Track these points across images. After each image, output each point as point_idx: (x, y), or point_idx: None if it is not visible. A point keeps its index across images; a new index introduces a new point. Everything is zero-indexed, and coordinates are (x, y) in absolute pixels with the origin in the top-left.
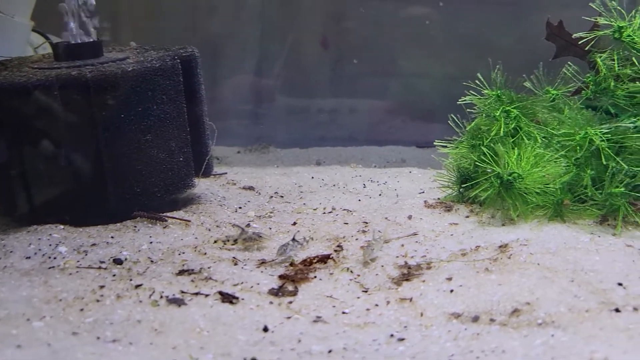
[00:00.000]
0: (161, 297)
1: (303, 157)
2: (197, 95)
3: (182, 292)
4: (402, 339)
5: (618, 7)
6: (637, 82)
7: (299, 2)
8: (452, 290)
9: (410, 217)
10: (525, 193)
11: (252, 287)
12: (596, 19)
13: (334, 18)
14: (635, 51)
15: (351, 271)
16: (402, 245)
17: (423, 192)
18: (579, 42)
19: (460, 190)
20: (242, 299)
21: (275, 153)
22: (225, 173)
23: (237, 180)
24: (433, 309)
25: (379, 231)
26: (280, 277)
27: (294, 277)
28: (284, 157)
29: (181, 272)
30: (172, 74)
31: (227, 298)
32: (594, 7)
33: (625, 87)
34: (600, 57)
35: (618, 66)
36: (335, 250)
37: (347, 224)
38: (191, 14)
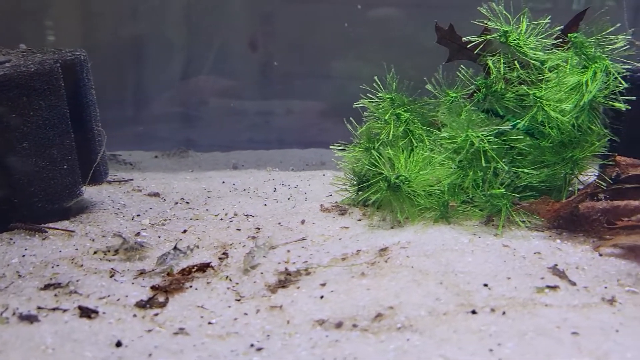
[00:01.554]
0: (14, 314)
1: (222, 161)
2: (84, 100)
3: (39, 307)
4: (261, 349)
5: (504, 12)
6: (527, 85)
7: (226, 4)
8: (322, 297)
9: (303, 222)
10: (413, 196)
11: (118, 299)
12: (486, 23)
13: (263, 20)
14: (521, 54)
15: (230, 279)
16: (288, 251)
17: (331, 195)
18: (468, 46)
19: (358, 193)
20: (103, 313)
21: (195, 157)
22: (132, 179)
23: (144, 186)
24: (301, 316)
25: (266, 237)
26: (153, 288)
27: (168, 287)
28: (202, 161)
29: (47, 287)
30: (51, 79)
31: (86, 313)
32: (482, 11)
33: (515, 89)
34: (492, 60)
35: (508, 69)
36: (220, 258)
37: (239, 230)
38: (116, 15)
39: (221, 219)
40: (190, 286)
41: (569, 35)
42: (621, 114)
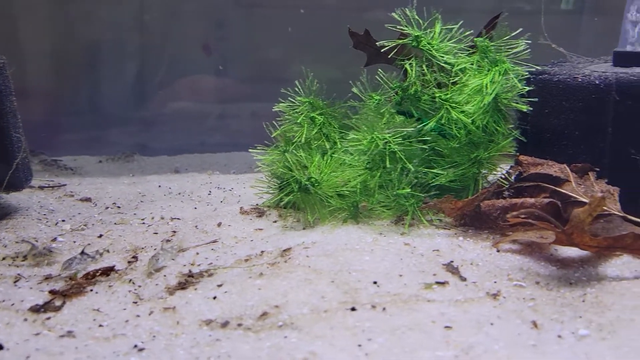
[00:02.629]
0: None
1: (166, 165)
2: (1, 108)
3: None
4: (143, 349)
5: (417, 17)
6: (444, 87)
7: (180, 8)
8: (215, 297)
9: (219, 225)
10: (325, 197)
11: (13, 304)
12: (400, 28)
13: (216, 24)
14: (433, 58)
15: (133, 282)
16: (197, 254)
17: (262, 198)
18: (382, 50)
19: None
20: None
21: (140, 161)
22: (65, 185)
23: (77, 191)
24: (191, 317)
25: (179, 240)
26: (51, 292)
27: (67, 292)
28: (147, 165)
29: None
30: None
31: None
32: (395, 16)
33: (431, 92)
34: (409, 64)
35: (423, 72)
36: (129, 262)
37: (156, 233)
38: (69, 20)
39: (143, 223)
40: (92, 290)
41: (475, 39)
42: (527, 114)
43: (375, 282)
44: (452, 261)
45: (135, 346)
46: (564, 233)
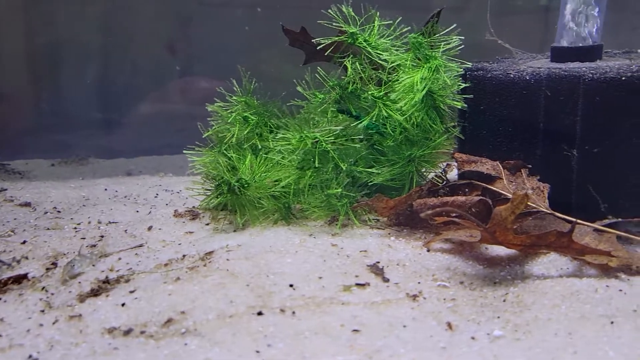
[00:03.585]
0: None
1: (120, 168)
2: None
3: None
4: None
5: (353, 14)
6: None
7: (143, 8)
8: (124, 304)
9: (150, 229)
10: (256, 198)
11: None
12: (338, 26)
13: (181, 24)
14: (370, 55)
15: (46, 290)
16: (120, 259)
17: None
18: (318, 48)
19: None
20: None
21: (95, 164)
22: (6, 189)
23: (18, 196)
24: (96, 325)
25: (104, 244)
26: None
27: None
28: (100, 168)
29: None
30: None
31: None
32: (330, 13)
33: (371, 90)
34: (349, 61)
35: (362, 70)
36: (48, 269)
37: (84, 238)
38: (26, 20)
39: (75, 228)
40: (0, 299)
41: (409, 35)
42: (465, 111)
43: (291, 285)
44: (378, 262)
45: (30, 356)
46: (487, 231)
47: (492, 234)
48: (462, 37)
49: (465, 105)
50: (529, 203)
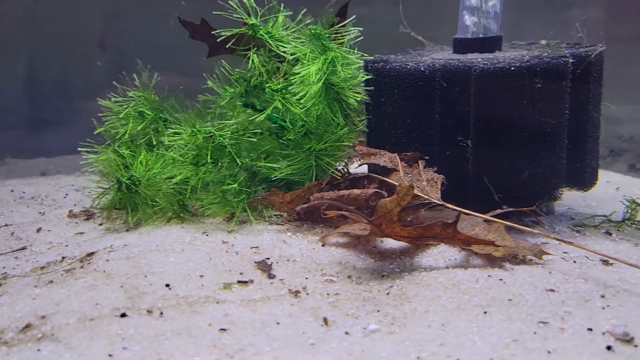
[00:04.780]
0: None
1: (37, 168)
2: None
3: None
4: None
5: (254, 5)
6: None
7: (73, 2)
8: None
9: (38, 230)
10: (151, 196)
11: None
12: (246, 18)
13: (112, 19)
14: (272, 48)
15: None
16: None
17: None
18: (219, 40)
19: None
20: None
21: (11, 164)
22: None
23: None
24: None
25: None
26: None
27: None
28: (17, 168)
29: None
30: None
31: None
32: (231, 4)
33: (275, 83)
34: (254, 53)
35: (267, 62)
36: None
37: None
38: None
39: None
40: None
41: (310, 27)
42: (369, 104)
43: (167, 285)
44: (268, 258)
45: None
46: (373, 224)
47: (379, 227)
48: (361, 29)
49: (367, 98)
50: (421, 194)
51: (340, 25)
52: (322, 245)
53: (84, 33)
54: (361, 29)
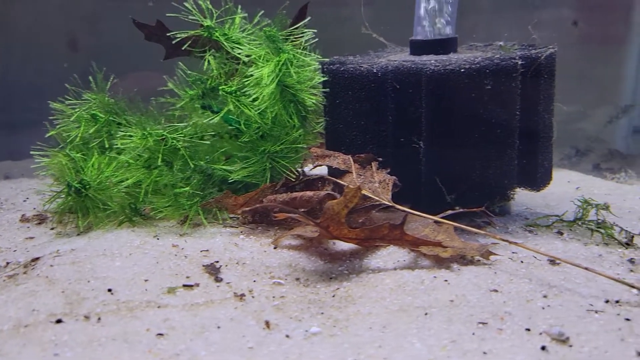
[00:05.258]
0: None
1: (2, 170)
2: None
3: None
4: None
5: (210, 7)
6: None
7: (43, 2)
8: None
9: None
10: (102, 200)
11: None
12: (201, 20)
13: (86, 19)
14: (229, 49)
15: None
16: None
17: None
18: (174, 42)
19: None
20: None
21: None
22: None
23: None
24: None
25: None
26: None
27: None
28: None
29: None
30: None
31: None
32: (187, 6)
33: (229, 85)
34: (211, 55)
35: (225, 64)
36: None
37: None
38: None
39: None
40: None
41: (264, 29)
42: (326, 106)
43: (110, 290)
44: (217, 261)
45: None
46: (320, 226)
47: (326, 229)
48: (315, 30)
49: (323, 100)
50: (372, 196)
51: (294, 27)
52: (274, 248)
53: (54, 34)
54: (313, 30)
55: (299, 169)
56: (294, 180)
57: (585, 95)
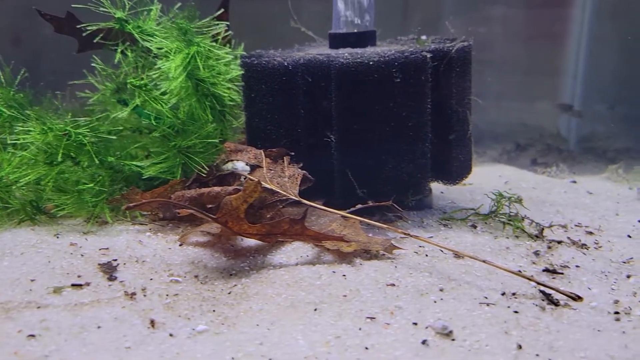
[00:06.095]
0: None
1: None
2: None
3: None
4: None
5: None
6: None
7: None
8: None
9: None
10: (4, 198)
11: None
12: (113, 12)
13: (27, 14)
14: (147, 42)
15: None
16: None
17: None
18: (84, 35)
19: None
20: None
21: None
22: None
23: None
24: None
25: None
26: None
27: None
28: None
29: None
30: None
31: None
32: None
33: (138, 78)
34: (125, 48)
35: (140, 58)
36: None
37: None
38: None
39: None
40: None
41: (176, 21)
42: (243, 100)
43: None
44: (115, 260)
45: None
46: (217, 222)
47: (225, 224)
48: (228, 23)
49: (236, 93)
50: (280, 191)
51: (217, 18)
52: (180, 245)
53: None
54: (227, 23)
55: (212, 164)
56: (205, 175)
57: (528, 90)
